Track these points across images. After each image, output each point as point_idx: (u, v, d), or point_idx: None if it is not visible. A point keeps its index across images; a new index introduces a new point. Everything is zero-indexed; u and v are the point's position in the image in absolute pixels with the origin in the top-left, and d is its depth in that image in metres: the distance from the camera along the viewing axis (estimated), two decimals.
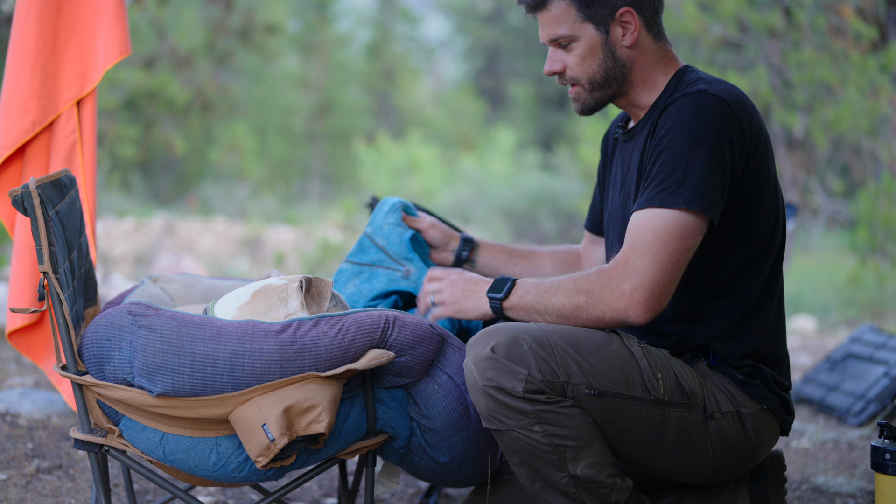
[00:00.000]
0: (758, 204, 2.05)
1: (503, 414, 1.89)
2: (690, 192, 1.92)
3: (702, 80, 2.05)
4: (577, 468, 1.90)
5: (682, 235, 1.93)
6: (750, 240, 2.06)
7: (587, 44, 2.09)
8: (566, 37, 2.09)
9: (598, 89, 2.12)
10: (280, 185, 18.16)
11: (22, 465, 2.75)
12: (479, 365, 1.89)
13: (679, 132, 1.97)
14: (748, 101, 2.04)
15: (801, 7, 9.01)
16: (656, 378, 1.97)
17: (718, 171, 1.95)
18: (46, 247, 1.88)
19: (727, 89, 2.02)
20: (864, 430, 3.58)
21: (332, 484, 2.87)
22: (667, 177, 1.95)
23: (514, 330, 1.91)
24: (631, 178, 2.15)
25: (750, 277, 2.08)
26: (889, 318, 7.14)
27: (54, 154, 2.73)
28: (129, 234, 10.59)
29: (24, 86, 2.68)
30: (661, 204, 1.93)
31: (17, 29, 2.69)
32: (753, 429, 2.06)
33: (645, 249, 1.92)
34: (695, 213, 1.93)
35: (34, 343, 2.80)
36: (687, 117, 1.97)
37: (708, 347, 2.08)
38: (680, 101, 2.01)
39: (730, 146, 1.97)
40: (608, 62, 2.09)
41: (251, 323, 1.91)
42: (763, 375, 2.10)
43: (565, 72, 2.13)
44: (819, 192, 10.26)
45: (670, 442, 1.98)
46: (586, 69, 2.10)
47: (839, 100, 8.73)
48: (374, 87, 22.84)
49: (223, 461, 1.92)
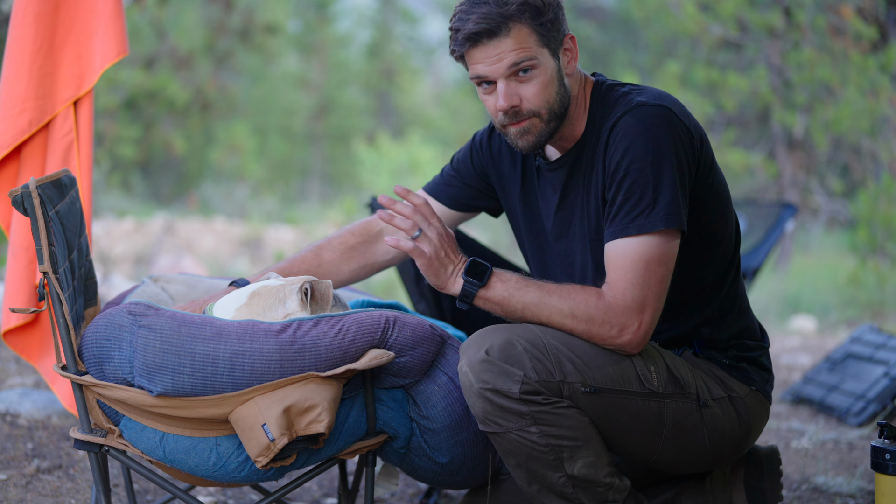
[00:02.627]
0: (714, 197, 2.05)
1: (499, 416, 1.89)
2: (665, 211, 1.92)
3: (629, 92, 2.01)
4: (574, 468, 1.91)
5: (666, 259, 1.93)
6: (715, 234, 2.07)
7: (546, 71, 1.98)
8: (530, 62, 1.95)
9: (555, 119, 2.01)
10: (280, 185, 18.16)
11: (22, 465, 2.75)
12: (475, 368, 1.88)
13: (636, 154, 1.93)
14: (677, 100, 2.01)
15: (801, 7, 9.02)
16: (650, 371, 1.97)
17: (680, 182, 1.94)
18: (46, 247, 1.88)
19: (660, 94, 1.99)
20: (864, 430, 3.58)
21: (332, 484, 2.87)
22: (637, 202, 1.93)
23: (507, 331, 1.91)
24: (574, 207, 2.09)
25: (722, 267, 2.10)
26: (889, 318, 7.14)
27: (51, 154, 2.72)
28: (129, 234, 10.59)
29: (21, 85, 2.68)
30: (640, 230, 1.92)
31: (14, 28, 2.69)
32: (745, 412, 2.09)
33: (640, 281, 1.91)
34: (672, 231, 1.93)
35: (29, 343, 2.79)
36: (638, 135, 1.93)
37: (692, 336, 2.10)
38: (623, 119, 1.95)
39: (684, 154, 1.95)
40: (561, 90, 2.01)
41: (251, 323, 1.91)
42: (748, 352, 2.13)
43: (521, 105, 1.98)
44: (819, 192, 10.26)
45: (667, 433, 1.99)
46: (546, 98, 1.98)
47: (839, 100, 8.73)
48: (374, 87, 22.84)
49: (223, 461, 1.92)
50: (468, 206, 2.31)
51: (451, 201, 2.31)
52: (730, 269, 2.12)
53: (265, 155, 19.59)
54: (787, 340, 5.89)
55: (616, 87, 2.06)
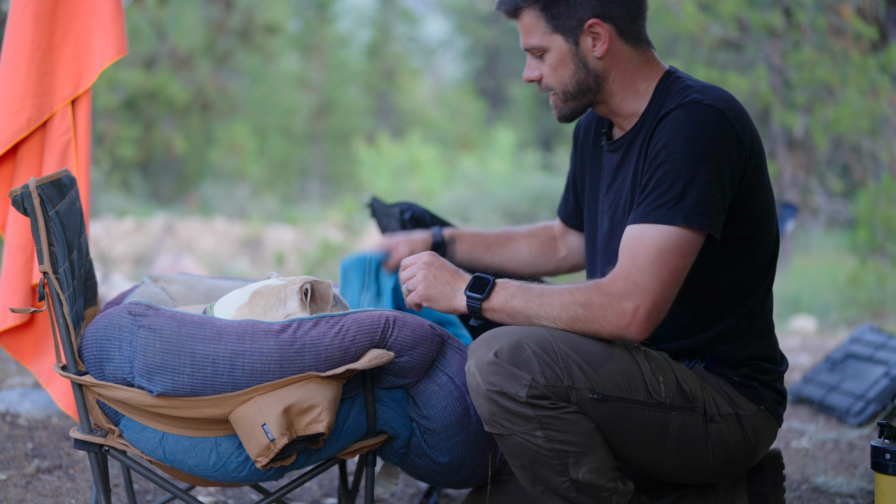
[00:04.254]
0: (754, 210, 2.04)
1: (505, 419, 1.88)
2: (689, 209, 1.91)
3: (692, 87, 2.02)
4: (578, 473, 1.90)
5: (682, 253, 1.92)
6: (748, 246, 2.06)
7: (557, 54, 2.08)
8: (537, 47, 2.09)
9: (572, 99, 2.11)
10: (280, 185, 18.17)
11: (22, 465, 2.75)
12: (483, 369, 1.88)
13: (676, 147, 1.94)
14: (740, 107, 2.01)
15: (801, 7, 9.01)
16: (658, 382, 1.96)
17: (717, 185, 1.93)
18: (46, 247, 1.88)
19: (720, 97, 2.00)
20: (864, 430, 3.58)
21: (332, 484, 2.87)
22: (664, 192, 1.93)
23: (517, 334, 1.90)
24: (621, 192, 2.13)
25: (749, 282, 2.08)
26: (889, 318, 7.14)
27: (48, 153, 2.72)
28: (129, 234, 10.60)
29: (20, 84, 2.68)
30: (660, 220, 1.92)
31: (12, 27, 2.69)
32: (752, 430, 2.07)
33: (647, 266, 1.90)
34: (694, 231, 1.92)
35: (22, 344, 2.79)
36: (683, 131, 1.95)
37: (705, 351, 2.09)
38: (674, 113, 1.98)
39: (727, 159, 1.95)
40: (580, 73, 2.08)
41: (251, 323, 1.91)
42: (761, 375, 2.10)
43: (542, 80, 2.13)
44: (819, 192, 10.26)
45: (671, 445, 1.98)
46: (559, 79, 2.10)
47: (839, 100, 8.73)
48: (374, 87, 22.84)
49: (223, 461, 1.92)
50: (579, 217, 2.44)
51: (574, 225, 2.47)
52: (756, 287, 2.09)
53: (265, 155, 19.59)
54: (787, 340, 5.89)
55: (680, 80, 2.07)
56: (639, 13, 2.08)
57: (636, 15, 2.08)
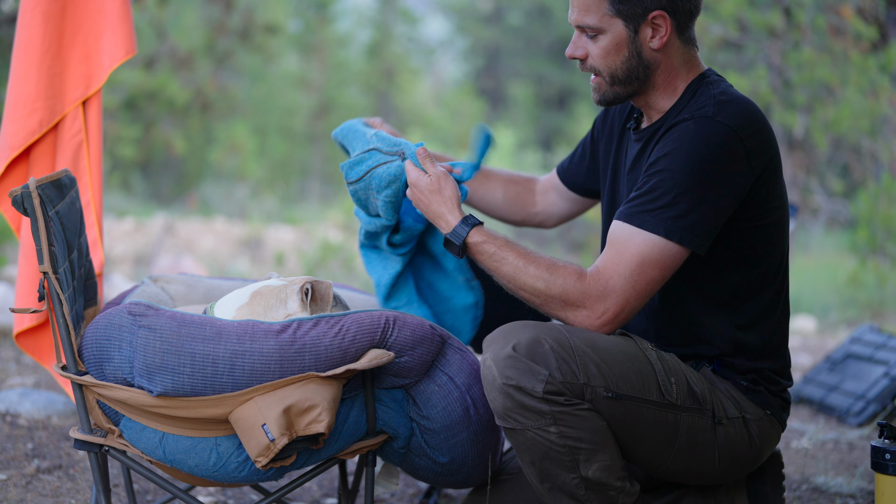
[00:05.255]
0: (764, 221, 2.05)
1: (520, 413, 1.88)
2: (672, 222, 1.92)
3: (714, 98, 2.02)
4: (588, 471, 1.91)
5: (662, 266, 1.94)
6: (757, 253, 2.07)
7: (613, 39, 2.05)
8: (593, 27, 2.05)
9: (619, 85, 2.09)
10: (280, 185, 18.16)
11: (22, 465, 2.75)
12: (500, 363, 1.88)
13: (676, 158, 1.95)
14: (760, 123, 2.01)
15: (801, 7, 9.01)
16: (670, 382, 1.97)
17: (710, 203, 1.94)
18: (46, 247, 1.89)
19: (738, 112, 1.99)
20: (864, 430, 3.57)
21: (332, 484, 2.87)
22: (654, 199, 1.94)
23: (535, 329, 1.91)
24: (623, 180, 2.16)
25: (759, 289, 2.09)
26: (889, 318, 7.14)
27: (60, 154, 2.73)
28: (129, 234, 10.59)
29: (31, 86, 2.69)
30: (642, 225, 1.94)
31: (22, 29, 2.70)
32: (758, 434, 2.08)
33: (627, 274, 1.93)
34: (676, 244, 1.94)
35: (40, 344, 2.80)
36: (688, 144, 1.96)
37: (712, 356, 2.09)
38: (685, 124, 1.99)
39: (727, 179, 1.96)
40: (632, 60, 2.07)
41: (251, 323, 1.91)
42: (767, 380, 2.11)
43: (587, 59, 2.09)
44: (819, 192, 10.26)
45: (680, 446, 1.99)
46: (609, 63, 2.07)
47: (839, 100, 8.72)
48: (374, 87, 22.83)
49: (223, 461, 1.92)
50: (584, 188, 2.44)
51: (569, 184, 2.46)
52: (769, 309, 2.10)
53: (265, 155, 19.57)
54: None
55: (709, 87, 2.07)
56: (697, 12, 2.09)
57: (694, 13, 2.09)
